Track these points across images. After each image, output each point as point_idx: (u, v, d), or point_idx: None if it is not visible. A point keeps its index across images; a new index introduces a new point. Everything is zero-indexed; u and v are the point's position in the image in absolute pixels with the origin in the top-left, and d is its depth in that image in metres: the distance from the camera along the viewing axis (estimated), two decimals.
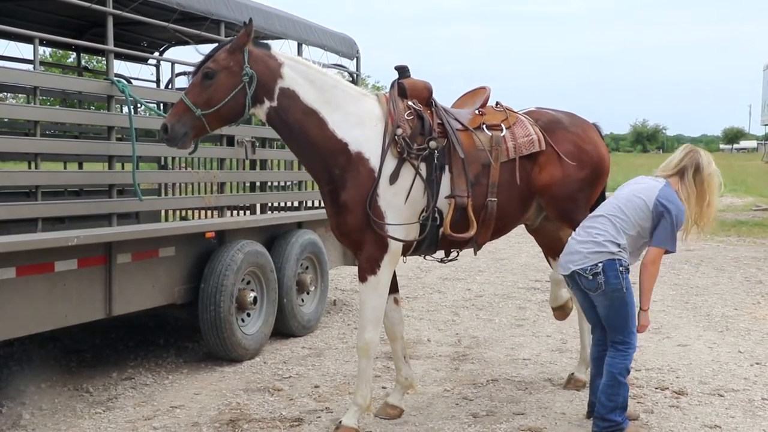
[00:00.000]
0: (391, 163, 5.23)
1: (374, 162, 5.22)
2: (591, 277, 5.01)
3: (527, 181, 5.69)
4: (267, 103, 5.22)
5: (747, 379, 6.51)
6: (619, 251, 5.02)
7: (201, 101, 5.04)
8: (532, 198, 5.80)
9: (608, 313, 5.12)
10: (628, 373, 5.19)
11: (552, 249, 6.28)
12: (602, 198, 6.10)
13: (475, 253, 5.84)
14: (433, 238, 5.43)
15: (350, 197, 5.21)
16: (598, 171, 5.98)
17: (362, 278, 5.33)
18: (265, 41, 5.53)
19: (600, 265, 4.99)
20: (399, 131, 5.24)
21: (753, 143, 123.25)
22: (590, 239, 5.10)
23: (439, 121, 5.45)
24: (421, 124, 5.34)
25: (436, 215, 5.33)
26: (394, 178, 5.21)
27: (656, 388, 6.25)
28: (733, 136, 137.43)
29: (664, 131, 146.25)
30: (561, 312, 6.28)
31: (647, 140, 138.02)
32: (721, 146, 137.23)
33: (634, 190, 5.20)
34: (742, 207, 24.57)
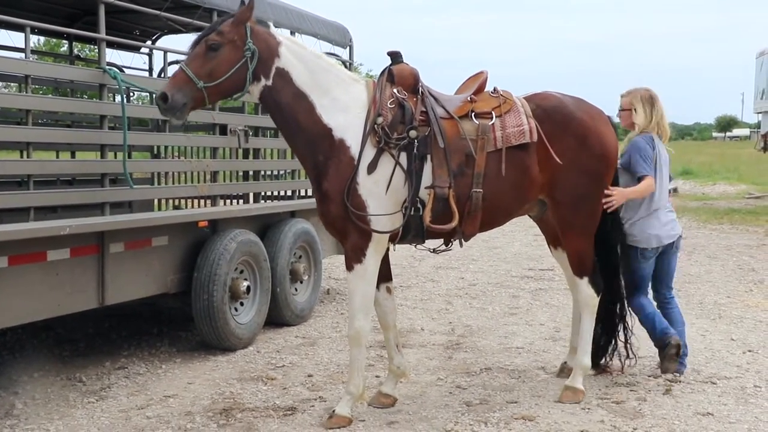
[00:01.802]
0: (370, 152, 5.17)
1: (355, 150, 5.17)
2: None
3: (525, 173, 5.45)
4: (263, 81, 5.20)
5: (739, 367, 6.53)
6: None
7: (204, 73, 5.00)
8: (532, 190, 5.56)
9: (674, 266, 6.50)
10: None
11: (556, 237, 6.05)
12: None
13: (461, 245, 5.69)
14: (418, 229, 5.32)
15: (331, 185, 5.18)
16: (599, 166, 5.67)
17: (349, 267, 5.31)
18: (264, 20, 5.46)
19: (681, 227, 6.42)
20: (380, 119, 5.16)
21: (746, 131, 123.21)
22: (670, 210, 6.33)
23: (423, 110, 5.32)
24: (401, 113, 5.24)
25: (419, 206, 5.23)
26: (372, 167, 5.15)
27: (649, 376, 6.25)
28: (726, 124, 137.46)
29: None
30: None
31: None
32: (714, 134, 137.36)
33: (666, 166, 6.30)
34: (735, 195, 24.63)
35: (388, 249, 5.60)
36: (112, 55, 8.87)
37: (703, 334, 7.64)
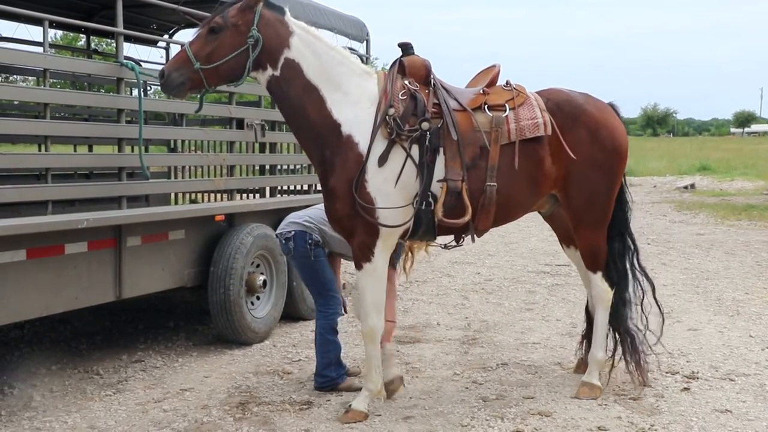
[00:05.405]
0: (380, 145, 5.06)
1: (363, 146, 5.07)
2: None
3: (539, 166, 5.38)
4: (270, 71, 5.13)
5: (758, 364, 6.49)
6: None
7: (202, 55, 4.97)
8: (545, 184, 5.48)
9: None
10: (334, 332, 5.88)
11: (568, 235, 6.01)
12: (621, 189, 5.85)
13: (473, 240, 5.57)
14: (429, 224, 5.21)
15: (337, 182, 5.10)
16: (611, 159, 5.57)
17: (358, 266, 5.23)
18: (280, 5, 5.34)
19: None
20: (391, 111, 5.07)
21: (764, 127, 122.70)
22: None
23: (436, 101, 5.22)
24: (413, 104, 5.14)
25: (430, 200, 5.12)
26: (383, 160, 5.04)
27: (667, 373, 6.23)
28: (744, 119, 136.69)
29: (674, 115, 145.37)
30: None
31: (657, 124, 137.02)
32: (732, 130, 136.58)
33: None
34: (753, 191, 24.43)
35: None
36: (129, 49, 8.92)
37: (721, 330, 7.58)
